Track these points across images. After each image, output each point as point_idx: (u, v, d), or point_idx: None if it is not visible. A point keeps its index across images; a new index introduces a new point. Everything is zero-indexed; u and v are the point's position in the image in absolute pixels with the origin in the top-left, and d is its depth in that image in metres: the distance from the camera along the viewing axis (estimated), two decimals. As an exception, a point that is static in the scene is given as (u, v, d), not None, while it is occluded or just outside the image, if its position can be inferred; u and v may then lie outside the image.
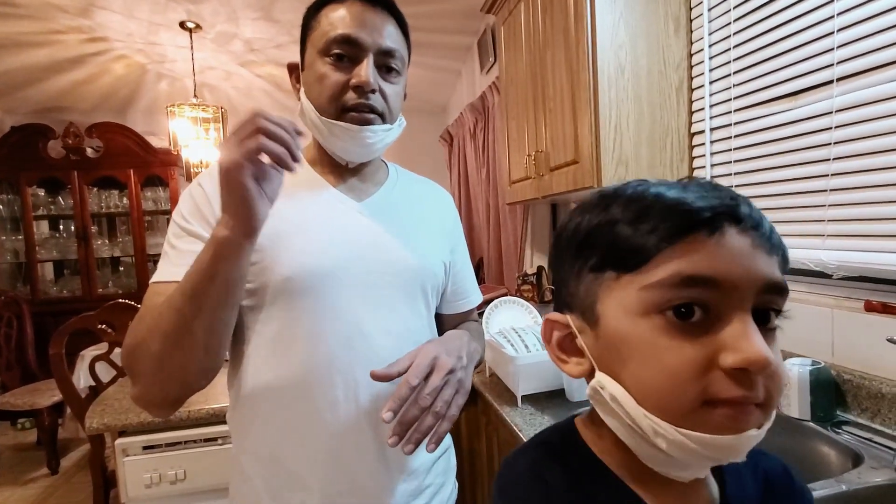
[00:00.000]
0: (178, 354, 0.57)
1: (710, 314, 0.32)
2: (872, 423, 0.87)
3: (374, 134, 0.70)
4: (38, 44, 2.75)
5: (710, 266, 0.32)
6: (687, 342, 0.32)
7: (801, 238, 1.03)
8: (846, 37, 0.91)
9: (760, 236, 0.34)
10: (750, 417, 0.32)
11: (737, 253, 0.32)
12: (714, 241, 0.32)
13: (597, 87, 1.26)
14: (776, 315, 0.34)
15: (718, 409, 0.31)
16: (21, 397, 2.73)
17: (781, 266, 0.35)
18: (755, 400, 0.31)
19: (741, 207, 0.34)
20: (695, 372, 0.32)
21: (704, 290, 0.32)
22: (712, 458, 0.33)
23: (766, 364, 0.30)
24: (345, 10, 0.68)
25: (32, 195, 3.50)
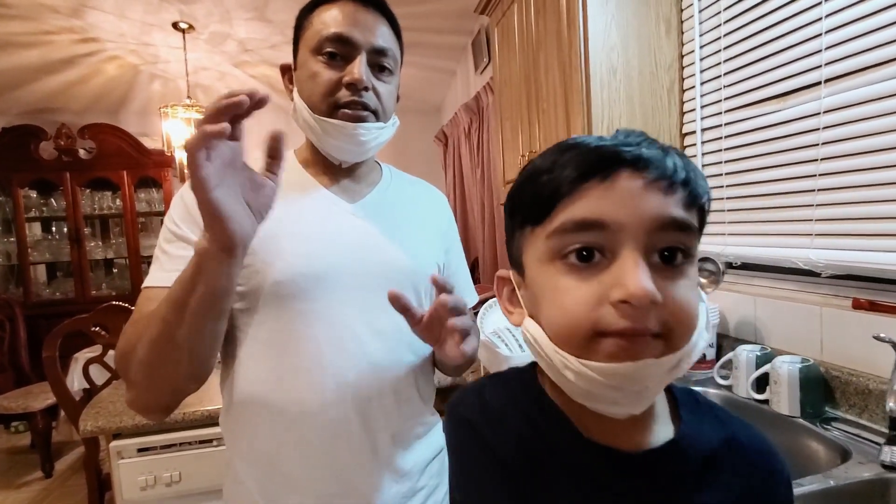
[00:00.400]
0: (164, 362, 0.58)
1: (607, 255, 0.35)
2: (860, 418, 0.89)
3: (368, 132, 0.70)
4: (28, 44, 2.73)
5: (599, 209, 0.35)
6: (584, 282, 0.35)
7: (790, 237, 1.05)
8: (834, 39, 0.93)
9: (658, 176, 0.35)
10: (643, 347, 0.34)
11: (626, 194, 0.35)
12: (605, 186, 0.35)
13: (589, 88, 1.27)
14: (684, 254, 0.36)
15: (609, 339, 0.34)
16: (14, 400, 2.71)
17: (686, 203, 0.36)
18: (645, 331, 0.34)
19: (638, 149, 0.36)
20: (587, 307, 0.35)
21: (595, 232, 0.35)
22: (616, 386, 0.35)
23: (645, 297, 0.32)
24: (337, 10, 0.68)
25: (24, 197, 3.47)
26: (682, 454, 0.39)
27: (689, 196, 0.36)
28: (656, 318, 0.34)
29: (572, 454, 0.40)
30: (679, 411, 0.42)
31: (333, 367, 0.67)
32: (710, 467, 0.39)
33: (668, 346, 0.34)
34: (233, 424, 0.71)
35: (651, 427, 0.40)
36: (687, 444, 0.40)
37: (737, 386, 1.05)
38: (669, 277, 0.35)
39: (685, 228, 0.36)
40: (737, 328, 1.22)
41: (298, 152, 0.78)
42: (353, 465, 0.68)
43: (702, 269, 1.14)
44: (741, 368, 1.04)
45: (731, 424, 0.43)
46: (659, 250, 0.35)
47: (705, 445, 0.40)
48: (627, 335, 0.34)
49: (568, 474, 0.39)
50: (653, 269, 0.34)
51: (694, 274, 0.37)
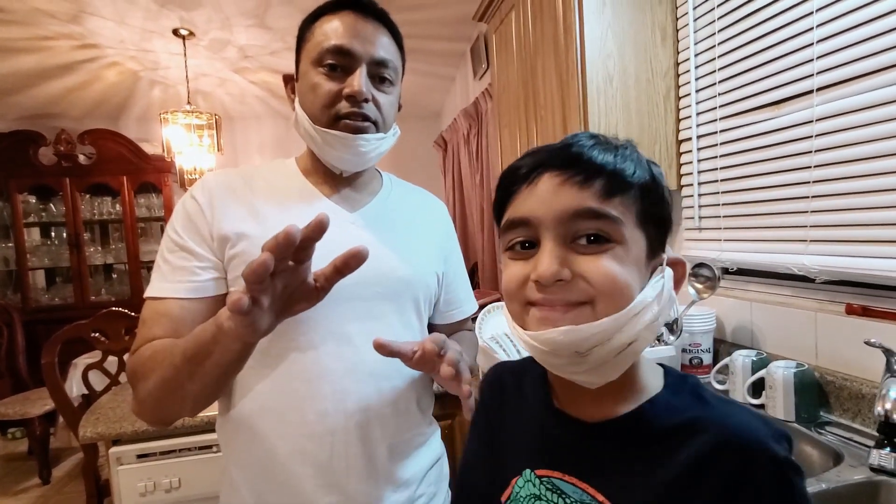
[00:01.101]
0: (172, 401, 0.62)
1: (536, 245, 0.42)
2: (853, 422, 0.90)
3: (368, 142, 0.70)
4: (26, 50, 2.74)
5: (524, 209, 0.43)
6: (520, 265, 0.43)
7: (785, 243, 1.06)
8: (825, 48, 0.94)
9: (573, 174, 0.41)
10: (560, 317, 0.40)
11: (543, 195, 0.42)
12: (530, 189, 0.43)
13: (586, 95, 1.28)
14: (607, 238, 0.40)
15: (533, 309, 0.42)
16: (11, 406, 2.71)
17: (603, 193, 0.41)
18: (557, 302, 0.40)
19: (565, 152, 0.42)
20: (517, 284, 0.43)
21: (523, 228, 0.43)
22: (552, 352, 0.40)
23: (549, 277, 0.40)
24: (338, 21, 0.69)
25: (23, 202, 3.48)
26: (636, 427, 0.43)
27: (607, 186, 0.41)
28: (578, 289, 0.40)
29: (539, 413, 0.49)
30: (661, 391, 0.45)
31: (331, 376, 0.67)
32: (664, 441, 0.41)
33: (595, 312, 0.40)
34: (229, 432, 0.71)
35: (619, 403, 0.44)
36: (644, 417, 0.43)
37: (733, 391, 1.06)
38: (590, 253, 0.40)
39: (600, 216, 0.40)
40: (733, 333, 1.23)
41: (299, 160, 0.78)
42: (350, 475, 0.68)
43: (698, 274, 1.15)
44: (737, 373, 1.05)
45: (715, 406, 0.42)
46: (583, 236, 0.41)
47: (666, 420, 0.42)
48: (545, 305, 0.41)
49: (532, 427, 0.49)
50: (578, 251, 0.41)
51: (623, 253, 0.41)
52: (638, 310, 0.40)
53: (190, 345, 0.57)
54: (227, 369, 0.58)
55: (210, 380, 0.59)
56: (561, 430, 0.46)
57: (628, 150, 0.43)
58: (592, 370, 0.41)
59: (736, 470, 0.38)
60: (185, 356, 0.57)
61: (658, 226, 0.44)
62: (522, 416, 0.51)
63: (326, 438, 0.67)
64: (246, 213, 0.69)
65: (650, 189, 0.43)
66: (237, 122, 4.12)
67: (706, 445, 0.39)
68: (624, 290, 0.40)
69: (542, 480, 0.46)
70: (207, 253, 0.68)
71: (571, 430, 0.45)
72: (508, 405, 0.54)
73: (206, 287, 0.67)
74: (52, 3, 2.32)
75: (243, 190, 0.72)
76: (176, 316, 0.65)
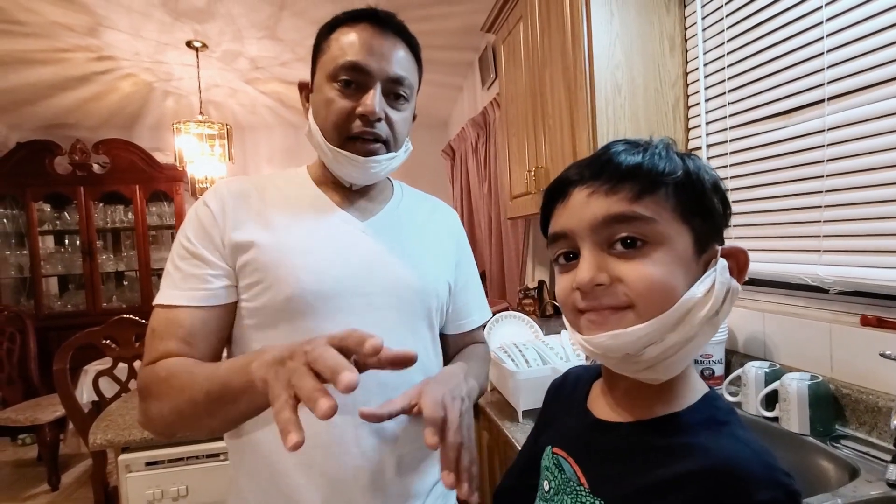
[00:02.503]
0: (185, 426, 0.61)
1: (579, 255, 0.45)
2: (870, 436, 0.88)
3: (378, 164, 0.70)
4: (44, 61, 2.81)
5: (561, 224, 0.46)
6: (566, 275, 0.46)
7: (798, 253, 1.05)
8: (835, 57, 0.94)
9: (600, 184, 0.43)
10: (606, 321, 0.42)
11: (576, 207, 0.44)
12: (564, 205, 0.46)
13: (594, 105, 1.28)
14: (641, 240, 0.42)
15: (583, 316, 0.44)
16: (22, 412, 2.73)
17: (632, 196, 0.42)
18: (600, 307, 0.42)
19: (593, 165, 0.44)
20: (566, 293, 0.46)
21: (563, 241, 0.46)
22: (602, 354, 0.43)
23: (587, 284, 0.42)
24: (355, 36, 0.68)
25: (38, 210, 3.54)
26: (634, 435, 0.45)
27: (636, 188, 0.42)
28: (617, 294, 0.42)
29: (573, 408, 0.54)
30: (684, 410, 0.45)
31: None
32: (656, 456, 0.42)
33: (639, 316, 0.41)
34: (237, 440, 0.71)
35: (639, 411, 0.46)
36: (647, 431, 0.44)
37: (746, 403, 1.05)
38: (629, 258, 0.42)
39: (629, 219, 0.42)
40: (745, 344, 1.21)
41: (311, 169, 0.79)
42: (357, 487, 0.67)
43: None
44: (750, 385, 1.03)
45: (719, 437, 0.41)
46: (619, 240, 0.42)
47: (668, 439, 0.42)
48: (590, 311, 0.43)
49: (566, 416, 0.55)
50: (615, 256, 0.42)
51: (663, 253, 0.41)
52: (688, 307, 0.40)
53: (215, 387, 0.55)
54: (251, 414, 0.57)
55: (230, 420, 0.59)
56: (580, 421, 0.52)
57: (658, 148, 0.44)
58: (651, 368, 0.42)
59: (710, 497, 0.37)
60: (210, 397, 0.55)
61: (705, 218, 0.43)
62: (565, 404, 0.58)
63: (333, 450, 0.66)
64: (258, 222, 0.70)
65: (685, 184, 0.42)
66: (248, 132, 4.17)
67: (695, 469, 0.39)
68: (664, 291, 0.40)
69: (554, 457, 0.52)
70: (219, 261, 0.68)
71: (586, 423, 0.51)
72: (563, 394, 0.60)
73: (218, 295, 0.67)
74: (70, 17, 2.37)
75: (255, 198, 0.72)
76: (188, 326, 0.65)
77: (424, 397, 0.59)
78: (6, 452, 3.22)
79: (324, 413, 0.39)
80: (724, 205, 0.45)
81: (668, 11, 1.32)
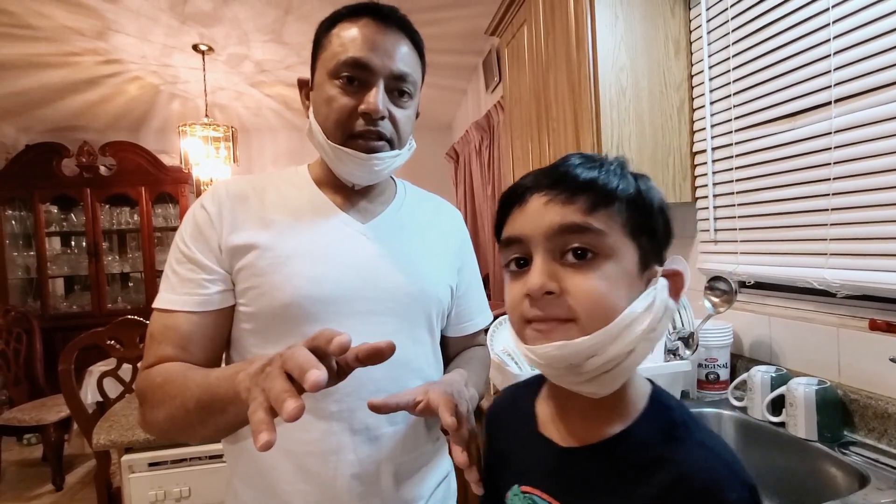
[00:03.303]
0: (178, 433, 0.62)
1: (529, 261, 0.44)
2: (879, 443, 0.87)
3: (382, 161, 0.69)
4: (54, 65, 2.84)
5: (514, 228, 0.46)
6: (517, 283, 0.45)
7: (805, 256, 1.04)
8: (843, 60, 0.93)
9: (557, 193, 0.43)
10: (552, 332, 0.42)
11: (532, 213, 0.44)
12: (521, 209, 0.46)
13: (598, 108, 1.28)
14: (592, 251, 0.42)
15: (530, 325, 0.44)
16: (28, 412, 2.74)
17: (586, 208, 0.43)
18: (548, 318, 0.42)
19: (551, 172, 0.45)
20: (515, 302, 0.45)
21: (516, 246, 0.46)
22: (549, 364, 0.43)
23: (538, 290, 0.42)
24: (357, 31, 0.66)
25: (45, 212, 3.56)
26: (604, 458, 0.45)
27: (591, 201, 0.43)
28: (562, 306, 0.42)
29: (524, 434, 0.52)
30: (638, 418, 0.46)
31: (336, 394, 0.65)
32: (628, 474, 0.43)
33: (582, 329, 0.41)
34: (233, 443, 0.70)
35: (596, 429, 0.46)
36: (612, 450, 0.44)
37: (751, 408, 1.04)
38: (577, 271, 0.42)
39: (582, 230, 0.42)
40: (751, 348, 1.20)
41: (312, 168, 0.77)
42: (353, 494, 0.66)
43: (714, 287, 1.13)
44: (756, 390, 1.02)
45: (683, 445, 0.43)
46: (570, 250, 0.42)
47: (634, 455, 0.43)
48: (539, 321, 0.43)
49: (518, 446, 0.53)
50: (565, 266, 0.43)
51: (611, 267, 0.42)
52: (628, 321, 0.41)
53: (205, 395, 0.55)
54: (240, 425, 0.57)
55: (220, 430, 0.59)
56: (541, 451, 0.49)
57: (614, 165, 0.45)
58: (592, 381, 0.43)
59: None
60: (200, 405, 0.55)
61: (650, 237, 0.45)
62: (514, 434, 0.54)
63: (331, 458, 0.65)
64: (256, 225, 0.68)
65: (636, 202, 0.44)
66: (253, 135, 4.20)
67: (667, 483, 0.41)
68: (608, 307, 0.41)
69: (526, 496, 0.49)
70: (215, 265, 0.67)
71: (549, 453, 0.48)
72: (509, 423, 0.57)
73: (213, 300, 0.66)
74: (79, 21, 2.40)
75: (254, 200, 0.71)
76: (184, 331, 0.64)
77: (431, 393, 0.60)
78: (11, 452, 3.23)
79: (289, 415, 0.39)
80: (666, 226, 0.47)
81: (674, 14, 1.32)
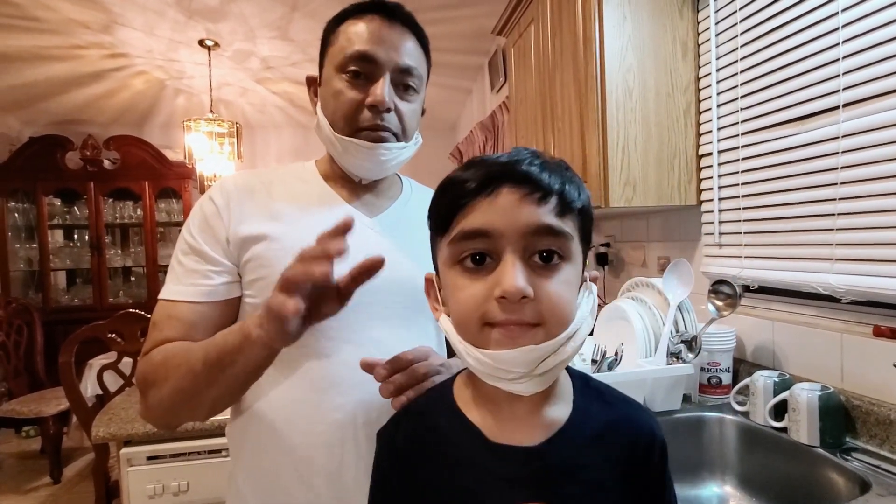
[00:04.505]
0: (186, 409, 0.62)
1: (494, 258, 0.42)
2: (881, 450, 0.86)
3: (389, 151, 0.70)
4: (59, 58, 2.84)
5: (482, 221, 0.42)
6: (475, 281, 0.42)
7: (810, 261, 1.03)
8: (851, 63, 0.93)
9: (532, 190, 0.42)
10: (521, 336, 0.41)
11: (505, 207, 0.42)
12: (489, 201, 0.42)
13: (605, 108, 1.28)
14: (559, 255, 0.42)
15: (494, 329, 0.41)
16: (27, 405, 2.75)
17: (558, 211, 0.42)
18: (521, 322, 0.41)
19: (519, 167, 0.42)
20: (476, 303, 0.42)
21: (480, 240, 0.42)
22: (506, 368, 0.41)
23: (517, 293, 0.39)
24: (363, 26, 0.68)
25: (48, 205, 3.57)
26: (572, 439, 0.46)
27: (560, 205, 0.42)
28: (532, 311, 0.41)
29: (472, 450, 0.46)
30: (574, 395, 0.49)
31: (343, 385, 0.65)
32: (595, 447, 0.46)
33: (547, 334, 0.41)
34: (237, 436, 0.70)
35: (549, 418, 0.47)
36: (574, 429, 0.46)
37: (754, 413, 1.03)
38: (545, 275, 0.42)
39: (557, 233, 0.42)
40: (754, 353, 1.19)
41: (319, 164, 0.78)
42: (357, 490, 0.65)
43: (718, 291, 1.12)
44: (758, 395, 1.02)
45: (616, 406, 0.50)
46: (537, 252, 0.42)
47: (591, 429, 0.47)
48: (508, 325, 0.41)
49: (467, 466, 0.46)
50: (531, 269, 0.41)
51: (570, 272, 0.43)
52: (580, 325, 0.43)
53: (212, 351, 0.56)
54: (249, 377, 0.58)
55: (230, 387, 0.59)
56: (506, 460, 0.45)
57: (569, 171, 0.46)
58: (538, 380, 0.43)
59: (642, 456, 0.48)
60: (207, 363, 0.56)
61: (588, 244, 0.47)
62: (454, 453, 0.47)
63: (336, 449, 0.65)
64: (264, 217, 0.69)
65: (587, 211, 0.46)
66: (257, 131, 4.20)
67: (623, 444, 0.47)
68: (568, 311, 0.42)
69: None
70: (222, 257, 0.67)
71: (516, 458, 0.45)
72: (438, 444, 0.48)
73: (219, 291, 0.67)
74: (85, 14, 2.40)
75: (261, 193, 0.72)
76: (188, 319, 0.65)
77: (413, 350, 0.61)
78: (10, 444, 3.24)
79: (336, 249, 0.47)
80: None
81: (682, 16, 1.32)
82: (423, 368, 0.59)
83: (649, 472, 0.48)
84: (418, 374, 0.59)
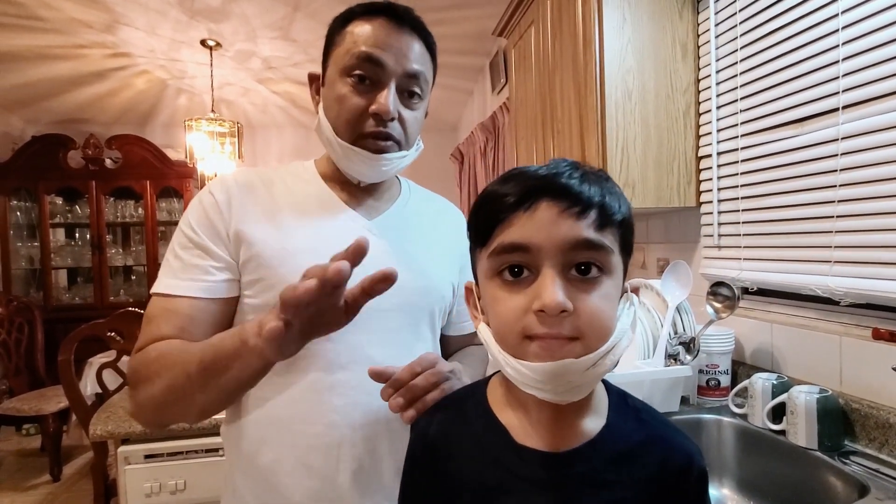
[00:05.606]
0: (177, 409, 0.60)
1: (532, 272, 0.43)
2: (880, 453, 0.86)
3: (390, 162, 0.69)
4: (62, 57, 2.85)
5: (521, 235, 0.42)
6: (514, 294, 0.43)
7: (809, 263, 1.03)
8: (851, 66, 0.92)
9: (571, 204, 0.42)
10: (560, 349, 0.41)
11: (544, 222, 0.42)
12: (527, 215, 0.42)
13: (604, 110, 1.28)
14: (598, 269, 0.42)
15: (534, 342, 0.42)
16: (27, 402, 2.75)
17: (598, 224, 0.42)
18: (559, 336, 0.41)
19: (557, 181, 0.43)
20: (516, 315, 0.42)
21: (520, 254, 0.43)
22: (545, 381, 0.41)
23: (556, 308, 0.40)
24: (371, 29, 0.66)
25: (50, 203, 3.58)
26: (599, 453, 0.46)
27: (600, 218, 0.42)
28: (571, 325, 0.41)
29: (498, 450, 0.47)
30: (609, 410, 0.49)
31: (341, 388, 0.65)
32: (623, 464, 0.45)
33: (586, 347, 0.41)
34: (233, 437, 0.70)
35: (579, 428, 0.47)
36: (604, 444, 0.46)
37: (752, 415, 1.03)
38: (584, 289, 0.42)
39: (596, 247, 0.42)
40: (752, 355, 1.19)
41: (319, 164, 0.77)
42: (354, 490, 0.65)
43: (717, 293, 1.12)
44: (756, 397, 1.01)
45: (652, 426, 0.48)
46: (576, 265, 0.42)
47: (621, 446, 0.46)
48: (547, 339, 0.41)
49: (492, 464, 0.47)
50: (570, 282, 0.42)
51: (609, 285, 0.43)
52: (620, 338, 0.43)
53: (208, 354, 0.55)
54: (244, 384, 0.56)
55: (223, 393, 0.57)
56: (528, 462, 0.46)
57: (610, 182, 0.46)
58: (574, 391, 0.43)
59: (674, 481, 0.46)
60: (202, 365, 0.55)
61: (629, 255, 0.47)
62: (478, 451, 0.49)
63: (333, 451, 0.65)
64: (264, 216, 0.69)
65: (628, 221, 0.45)
66: (258, 131, 4.21)
67: (654, 465, 0.46)
68: (608, 325, 0.42)
69: None
70: (223, 252, 0.67)
71: (538, 463, 0.46)
72: (462, 439, 0.50)
73: (219, 288, 0.66)
74: (88, 14, 2.41)
75: (262, 192, 0.71)
76: (185, 315, 0.64)
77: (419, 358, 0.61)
78: (10, 442, 3.24)
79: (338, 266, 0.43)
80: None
81: (682, 18, 1.32)
82: (432, 378, 0.59)
83: (683, 499, 0.46)
84: (421, 386, 0.58)
